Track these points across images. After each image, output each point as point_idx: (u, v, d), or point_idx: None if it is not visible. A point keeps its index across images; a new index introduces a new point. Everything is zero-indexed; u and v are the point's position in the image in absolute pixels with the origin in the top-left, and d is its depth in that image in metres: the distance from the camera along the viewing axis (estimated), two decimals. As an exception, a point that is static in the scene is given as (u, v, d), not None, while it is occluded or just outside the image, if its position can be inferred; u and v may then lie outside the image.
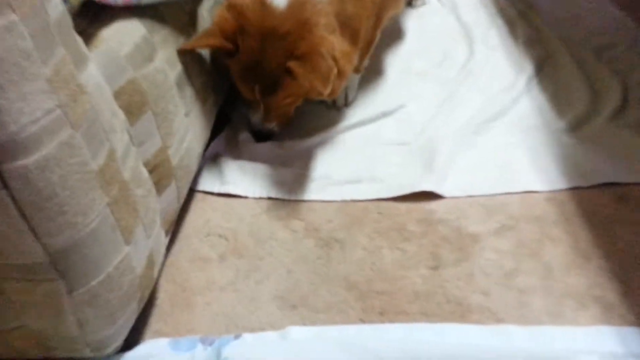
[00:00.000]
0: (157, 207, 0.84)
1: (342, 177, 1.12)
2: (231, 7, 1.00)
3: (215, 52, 1.09)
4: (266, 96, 1.06)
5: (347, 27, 1.05)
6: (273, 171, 1.15)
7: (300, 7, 0.97)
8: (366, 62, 1.35)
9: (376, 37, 1.29)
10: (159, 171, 0.87)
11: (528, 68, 1.35)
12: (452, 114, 1.25)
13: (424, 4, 1.74)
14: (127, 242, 0.72)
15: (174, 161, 0.92)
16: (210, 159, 1.19)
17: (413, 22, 1.64)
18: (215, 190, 1.12)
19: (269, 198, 1.09)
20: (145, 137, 0.84)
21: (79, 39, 0.68)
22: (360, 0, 1.09)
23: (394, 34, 1.58)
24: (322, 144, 1.21)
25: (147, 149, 0.84)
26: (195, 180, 1.13)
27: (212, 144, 1.21)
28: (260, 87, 1.04)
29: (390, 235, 0.97)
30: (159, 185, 0.87)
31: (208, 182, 1.14)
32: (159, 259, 0.85)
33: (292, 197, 1.08)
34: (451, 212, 1.00)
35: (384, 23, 1.27)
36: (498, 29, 1.55)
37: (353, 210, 1.04)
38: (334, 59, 0.95)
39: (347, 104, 1.33)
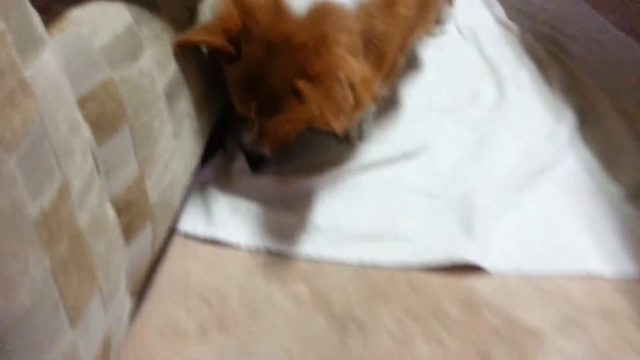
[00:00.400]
0: (123, 263, 0.60)
1: (358, 230, 0.90)
2: (239, 3, 0.80)
3: (213, 52, 0.87)
4: (263, 116, 0.85)
5: (373, 48, 0.87)
6: (272, 214, 0.91)
7: (322, 18, 0.79)
8: (385, 91, 1.15)
9: (400, 63, 1.09)
10: (131, 211, 0.63)
11: (568, 117, 1.17)
12: (487, 161, 1.06)
13: (442, 33, 1.56)
14: (74, 324, 0.47)
15: (153, 197, 0.68)
16: (197, 190, 0.95)
17: (432, 51, 1.46)
18: (200, 232, 0.88)
19: (267, 251, 0.85)
20: (117, 163, 0.60)
21: (34, 14, 0.44)
22: (392, 17, 0.90)
23: (411, 63, 1.39)
24: (331, 184, 0.99)
25: (117, 179, 0.60)
26: (175, 217, 0.88)
27: (201, 172, 0.97)
28: (257, 105, 0.83)
29: (425, 319, 0.74)
30: (129, 230, 0.63)
31: (191, 221, 0.89)
32: (119, 338, 0.60)
33: (296, 253, 0.85)
34: (499, 293, 0.79)
35: (409, 46, 1.08)
36: (529, 70, 1.38)
37: (375, 278, 0.81)
38: (352, 86, 0.76)
39: (361, 138, 1.12)
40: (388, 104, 1.22)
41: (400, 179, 1.02)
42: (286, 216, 0.91)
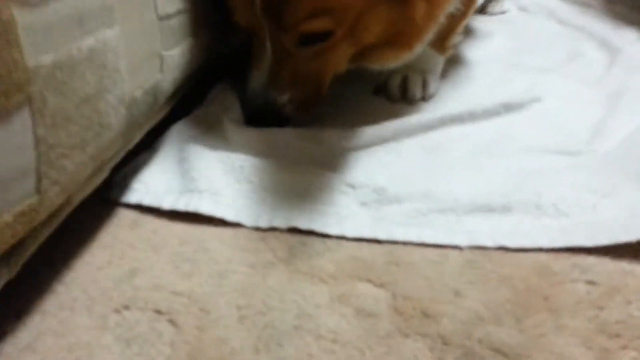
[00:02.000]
0: None
1: (461, 200, 0.49)
2: None
3: None
4: (276, 6, 0.51)
5: None
6: (299, 174, 0.51)
7: None
8: (458, 39, 0.79)
9: (474, 4, 0.75)
10: None
11: None
12: (624, 118, 0.66)
13: (502, 11, 1.23)
14: None
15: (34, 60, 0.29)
16: (162, 145, 0.56)
17: (503, 26, 1.11)
18: (167, 204, 0.47)
19: (294, 229, 0.45)
20: None
21: None
22: None
23: (478, 34, 1.03)
24: (399, 141, 0.60)
25: None
26: (124, 181, 0.49)
27: (172, 130, 0.58)
28: None
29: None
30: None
31: (148, 187, 0.49)
32: None
33: (350, 233, 0.45)
34: None
35: None
36: (632, 30, 1.01)
37: (506, 271, 0.39)
38: None
39: (425, 96, 0.74)
40: (458, 64, 0.85)
41: (509, 135, 0.62)
42: (325, 176, 0.51)
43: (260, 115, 0.59)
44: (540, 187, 0.50)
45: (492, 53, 0.93)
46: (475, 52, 0.92)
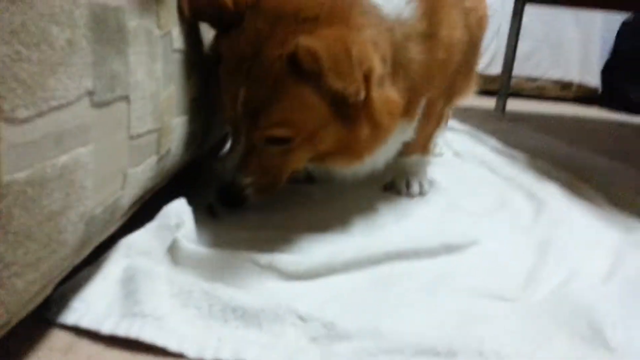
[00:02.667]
0: None
1: (407, 341, 0.50)
2: None
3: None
4: (253, 118, 0.64)
5: (403, 76, 0.71)
6: (249, 302, 0.50)
7: (349, 3, 0.64)
8: (439, 148, 0.92)
9: (442, 114, 0.97)
10: None
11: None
12: (565, 265, 0.72)
13: (439, 154, 1.35)
14: None
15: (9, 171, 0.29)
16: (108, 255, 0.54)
17: (440, 168, 1.20)
18: (106, 329, 0.44)
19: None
20: None
21: None
22: (433, 51, 0.71)
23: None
24: (342, 280, 0.61)
25: None
26: (62, 300, 0.46)
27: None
28: (247, 93, 0.63)
29: None
30: None
31: (90, 310, 0.46)
32: None
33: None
34: None
35: (451, 101, 0.98)
36: (556, 185, 1.13)
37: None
38: (366, 76, 0.61)
39: (422, 193, 0.97)
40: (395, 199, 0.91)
41: (448, 277, 0.65)
42: (275, 306, 0.51)
43: (226, 193, 0.68)
44: (482, 332, 0.52)
45: (431, 192, 1.00)
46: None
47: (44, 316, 0.44)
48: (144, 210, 0.61)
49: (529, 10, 2.42)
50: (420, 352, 0.48)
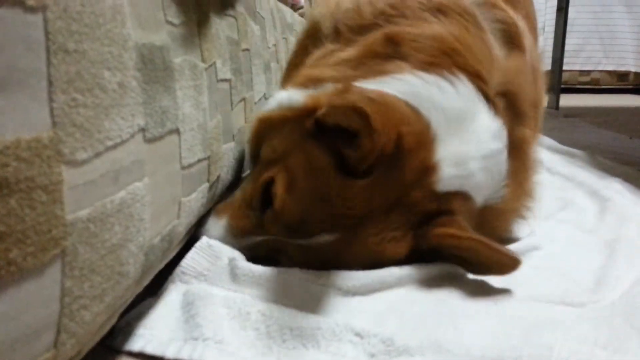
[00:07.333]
0: None
1: (477, 352, 0.48)
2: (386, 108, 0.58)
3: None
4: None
5: None
6: (306, 320, 0.51)
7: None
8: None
9: None
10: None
11: None
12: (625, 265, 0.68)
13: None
14: None
15: (74, 209, 0.31)
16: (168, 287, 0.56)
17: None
18: (170, 354, 0.46)
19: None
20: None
21: None
22: None
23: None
24: (399, 294, 0.61)
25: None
26: (127, 328, 0.48)
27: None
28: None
29: None
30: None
31: (154, 336, 0.48)
32: None
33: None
34: None
35: None
36: (617, 180, 1.08)
37: None
38: None
39: None
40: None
41: (510, 284, 0.63)
42: (332, 324, 0.51)
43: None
44: (550, 340, 0.50)
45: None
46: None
47: (111, 345, 0.46)
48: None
49: (576, 4, 2.34)
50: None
